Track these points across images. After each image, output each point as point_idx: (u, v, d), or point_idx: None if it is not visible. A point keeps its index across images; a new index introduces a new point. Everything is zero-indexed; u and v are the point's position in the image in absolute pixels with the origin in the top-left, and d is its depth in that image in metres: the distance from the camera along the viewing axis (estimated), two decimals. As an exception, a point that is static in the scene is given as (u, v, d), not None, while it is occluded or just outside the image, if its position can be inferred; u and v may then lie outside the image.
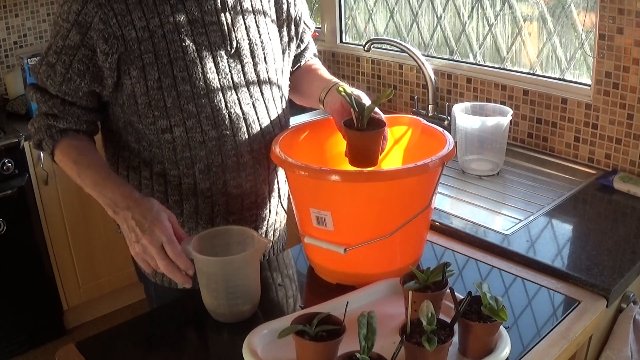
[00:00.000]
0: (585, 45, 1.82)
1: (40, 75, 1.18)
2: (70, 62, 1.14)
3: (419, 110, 2.21)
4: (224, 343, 1.10)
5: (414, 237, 1.22)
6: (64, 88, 1.16)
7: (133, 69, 1.14)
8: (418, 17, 2.31)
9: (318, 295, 1.20)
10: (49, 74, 1.17)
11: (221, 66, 1.20)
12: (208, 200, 1.25)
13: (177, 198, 1.25)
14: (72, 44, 1.13)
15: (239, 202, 1.28)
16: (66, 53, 1.14)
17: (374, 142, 1.21)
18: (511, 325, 1.09)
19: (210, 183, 1.24)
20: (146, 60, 1.14)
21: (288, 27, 1.35)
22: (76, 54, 1.14)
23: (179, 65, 1.15)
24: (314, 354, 0.91)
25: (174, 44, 1.15)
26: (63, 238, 2.62)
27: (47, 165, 2.48)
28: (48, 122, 1.20)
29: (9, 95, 2.75)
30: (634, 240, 1.39)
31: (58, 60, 1.15)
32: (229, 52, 1.21)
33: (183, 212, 1.26)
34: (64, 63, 1.15)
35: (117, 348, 1.10)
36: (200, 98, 1.18)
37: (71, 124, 1.21)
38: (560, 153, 1.90)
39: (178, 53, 1.15)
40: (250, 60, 1.24)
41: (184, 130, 1.19)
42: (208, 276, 1.09)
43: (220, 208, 1.27)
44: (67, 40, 1.13)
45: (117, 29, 1.11)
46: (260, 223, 1.34)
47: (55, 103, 1.18)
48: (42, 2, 2.89)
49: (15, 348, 2.58)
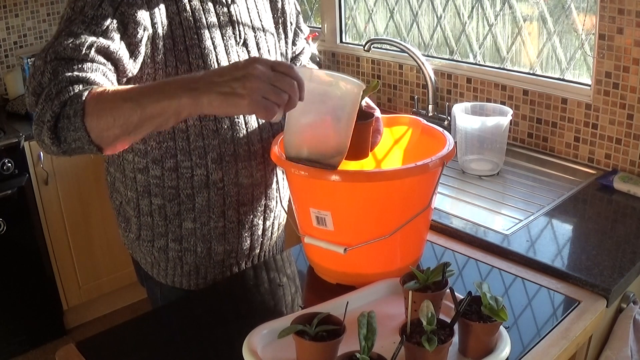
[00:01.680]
0: (585, 45, 1.82)
1: (55, 47, 0.99)
2: (103, 31, 1.02)
3: (419, 110, 2.21)
4: (224, 343, 1.10)
5: (414, 237, 1.22)
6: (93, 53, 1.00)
7: (157, 54, 1.14)
8: (418, 17, 2.31)
9: (318, 295, 1.20)
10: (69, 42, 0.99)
11: (232, 56, 1.23)
12: (220, 192, 1.26)
13: (190, 192, 1.25)
14: (105, 13, 1.03)
15: (250, 193, 1.29)
16: (97, 23, 1.02)
17: (363, 132, 1.19)
18: (511, 325, 1.09)
19: (222, 173, 1.25)
20: (167, 45, 1.15)
21: (284, 24, 1.38)
22: (110, 25, 1.03)
23: (195, 53, 1.17)
24: (314, 354, 0.91)
25: (189, 31, 1.17)
26: (63, 238, 2.62)
27: (47, 165, 2.48)
28: (73, 77, 0.97)
29: (9, 95, 2.75)
30: (634, 240, 1.39)
31: (86, 30, 1.01)
32: (238, 43, 1.25)
33: (195, 207, 1.26)
34: (95, 33, 1.01)
35: (117, 348, 1.10)
36: None
37: (98, 82, 1.00)
38: (560, 153, 1.90)
39: (194, 40, 1.17)
40: (256, 52, 1.28)
41: (198, 118, 1.20)
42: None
43: (232, 200, 1.27)
44: (100, 9, 1.03)
45: (145, 10, 1.10)
46: (268, 214, 1.35)
47: (81, 63, 1.00)
48: (42, 2, 2.89)
49: (15, 348, 2.58)
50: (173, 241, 1.29)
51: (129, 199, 1.29)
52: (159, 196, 1.25)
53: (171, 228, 1.28)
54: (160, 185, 1.25)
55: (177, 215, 1.27)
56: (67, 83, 0.97)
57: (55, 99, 0.95)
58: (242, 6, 1.26)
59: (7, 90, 2.76)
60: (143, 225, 1.30)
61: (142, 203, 1.27)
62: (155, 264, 1.34)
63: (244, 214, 1.30)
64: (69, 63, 0.99)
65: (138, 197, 1.27)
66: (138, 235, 1.32)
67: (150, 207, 1.27)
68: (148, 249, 1.32)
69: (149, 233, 1.30)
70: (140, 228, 1.30)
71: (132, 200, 1.28)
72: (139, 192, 1.26)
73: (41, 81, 0.99)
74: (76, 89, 0.96)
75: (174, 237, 1.29)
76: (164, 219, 1.28)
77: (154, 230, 1.29)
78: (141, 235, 1.31)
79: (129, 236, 1.35)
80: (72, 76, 0.97)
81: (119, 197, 1.34)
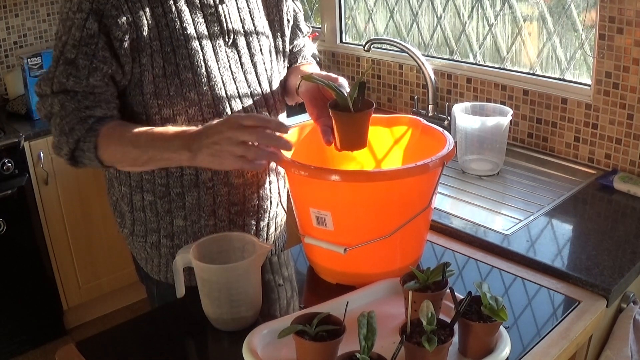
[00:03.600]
0: (585, 45, 1.82)
1: (58, 77, 1.13)
2: (93, 51, 1.11)
3: (419, 110, 2.21)
4: (224, 343, 1.10)
5: (414, 237, 1.22)
6: (92, 80, 1.13)
7: (143, 56, 1.15)
8: (418, 17, 2.31)
9: (318, 295, 1.20)
10: (69, 72, 1.12)
11: (220, 56, 1.23)
12: (210, 192, 1.26)
13: (179, 190, 1.25)
14: (91, 32, 1.11)
15: (241, 193, 1.29)
16: (86, 43, 1.11)
17: (361, 122, 1.17)
18: (511, 325, 1.09)
19: (212, 173, 1.25)
20: (154, 47, 1.15)
21: (279, 22, 1.37)
22: (98, 42, 1.11)
23: (182, 54, 1.17)
24: (314, 354, 0.91)
25: (176, 32, 1.17)
26: (63, 238, 2.62)
27: (47, 165, 2.48)
28: (81, 114, 1.13)
29: (9, 95, 2.75)
30: (634, 240, 1.39)
31: (79, 53, 1.11)
32: (227, 43, 1.24)
33: (185, 205, 1.26)
34: (86, 54, 1.11)
35: (117, 348, 1.10)
36: (202, 86, 1.20)
37: (105, 111, 1.16)
38: (560, 153, 1.90)
39: (180, 41, 1.17)
40: (246, 52, 1.27)
41: (186, 119, 1.20)
42: (210, 284, 1.07)
43: (222, 199, 1.27)
44: (85, 30, 1.11)
45: (129, 15, 1.12)
46: (262, 215, 1.35)
47: (85, 95, 1.14)
48: (42, 2, 2.89)
49: (15, 348, 2.58)
50: (165, 237, 1.30)
51: (123, 194, 1.31)
52: (150, 192, 1.26)
53: (162, 224, 1.29)
54: (152, 182, 1.26)
55: (168, 213, 1.28)
56: (77, 120, 1.13)
57: (69, 135, 1.13)
58: (231, 6, 1.25)
59: (7, 90, 2.76)
60: (137, 220, 1.31)
61: (134, 198, 1.29)
62: (149, 259, 1.35)
63: (235, 214, 1.30)
64: (74, 97, 1.14)
65: (131, 192, 1.28)
66: (132, 231, 1.33)
67: (142, 202, 1.28)
68: (141, 244, 1.33)
69: (142, 228, 1.31)
70: (134, 223, 1.32)
71: (125, 195, 1.30)
72: (132, 187, 1.28)
73: (51, 111, 1.15)
74: (86, 126, 1.13)
75: (165, 233, 1.30)
76: (155, 215, 1.29)
77: (147, 226, 1.30)
78: (135, 230, 1.32)
79: (124, 232, 1.37)
80: (80, 113, 1.13)
81: (115, 193, 1.35)
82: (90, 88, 1.13)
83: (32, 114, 2.57)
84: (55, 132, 1.16)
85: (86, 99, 1.14)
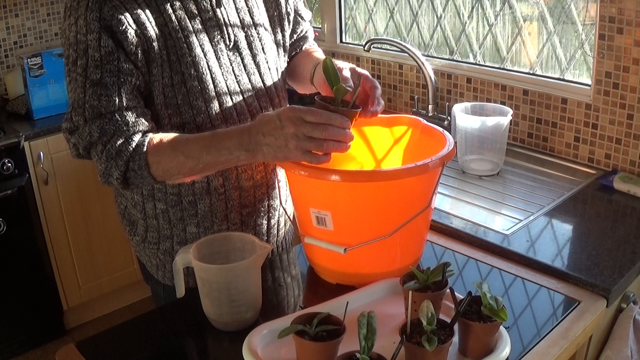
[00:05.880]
0: (585, 45, 1.82)
1: (89, 102, 1.10)
2: (117, 67, 1.10)
3: (419, 110, 2.21)
4: (224, 343, 1.10)
5: (414, 237, 1.22)
6: (123, 96, 1.11)
7: (154, 67, 1.15)
8: (418, 17, 2.31)
9: (318, 295, 1.20)
10: (99, 93, 1.10)
11: (223, 60, 1.22)
12: (222, 197, 1.26)
13: (191, 199, 1.25)
14: (108, 49, 1.10)
15: (252, 195, 1.29)
16: (108, 61, 1.10)
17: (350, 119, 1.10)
18: (511, 325, 1.09)
19: (223, 179, 1.25)
20: (163, 57, 1.15)
21: (279, 16, 1.36)
22: (118, 57, 1.10)
23: (186, 62, 1.17)
24: (314, 354, 0.91)
25: (178, 41, 1.17)
26: (63, 238, 2.62)
27: (47, 165, 2.48)
28: (124, 134, 1.11)
29: (9, 95, 2.75)
30: (634, 240, 1.39)
31: (103, 72, 1.10)
32: (228, 46, 1.24)
33: (198, 212, 1.27)
34: (111, 72, 1.10)
35: (117, 348, 1.10)
36: (208, 93, 1.20)
37: (146, 123, 1.14)
38: (560, 153, 1.90)
39: (183, 50, 1.17)
40: (248, 53, 1.27)
41: (195, 127, 1.20)
42: (210, 284, 1.07)
43: (234, 203, 1.28)
44: (102, 48, 1.09)
45: (135, 28, 1.12)
46: (272, 213, 1.35)
47: (121, 114, 1.11)
48: (42, 2, 2.89)
49: (15, 348, 2.58)
50: (178, 244, 1.30)
51: (135, 202, 1.30)
52: (162, 201, 1.26)
53: (176, 232, 1.29)
54: (163, 191, 1.26)
55: (180, 220, 1.27)
56: (122, 141, 1.11)
57: (117, 158, 1.11)
58: (230, 8, 1.25)
59: (7, 90, 2.76)
60: (150, 227, 1.30)
61: (147, 206, 1.28)
62: (160, 266, 1.34)
63: (247, 216, 1.30)
64: (111, 119, 1.11)
65: (144, 201, 1.28)
66: (144, 238, 1.32)
67: (154, 210, 1.28)
68: (153, 251, 1.33)
69: (155, 235, 1.31)
70: (147, 230, 1.31)
71: (138, 203, 1.29)
72: (144, 195, 1.27)
73: (91, 140, 1.12)
74: (132, 145, 1.11)
75: (178, 240, 1.29)
76: (168, 223, 1.28)
77: (160, 233, 1.30)
78: (147, 237, 1.32)
79: (135, 239, 1.35)
80: (122, 133, 1.11)
81: (124, 200, 1.34)
82: (124, 104, 1.11)
83: (32, 114, 2.57)
84: (101, 160, 1.12)
85: (123, 117, 1.11)
